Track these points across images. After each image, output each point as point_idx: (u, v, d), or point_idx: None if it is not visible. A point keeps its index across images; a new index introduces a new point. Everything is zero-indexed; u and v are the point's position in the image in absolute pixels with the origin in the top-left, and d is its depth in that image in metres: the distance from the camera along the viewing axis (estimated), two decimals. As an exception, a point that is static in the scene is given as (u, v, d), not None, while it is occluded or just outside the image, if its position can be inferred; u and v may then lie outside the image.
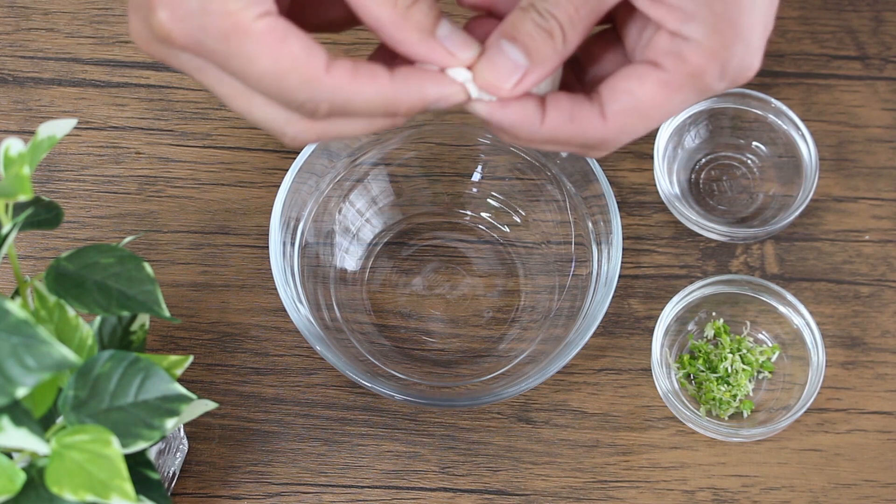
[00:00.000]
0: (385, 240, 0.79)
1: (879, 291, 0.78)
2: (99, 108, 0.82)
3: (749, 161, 0.81)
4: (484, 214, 0.79)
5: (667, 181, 0.79)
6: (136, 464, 0.58)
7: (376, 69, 0.52)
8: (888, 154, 0.81)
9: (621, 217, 0.76)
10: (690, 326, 0.77)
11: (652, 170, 0.79)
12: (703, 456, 0.74)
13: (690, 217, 0.78)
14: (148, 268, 0.59)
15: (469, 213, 0.79)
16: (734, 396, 0.74)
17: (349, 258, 0.78)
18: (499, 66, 0.53)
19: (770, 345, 0.76)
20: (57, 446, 0.55)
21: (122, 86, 0.83)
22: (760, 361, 0.75)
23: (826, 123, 0.82)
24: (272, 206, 0.73)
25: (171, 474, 0.72)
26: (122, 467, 0.54)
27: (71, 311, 0.59)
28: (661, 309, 0.76)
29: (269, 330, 0.77)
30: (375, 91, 0.52)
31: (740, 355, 0.75)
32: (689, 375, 0.76)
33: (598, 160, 0.74)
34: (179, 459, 0.72)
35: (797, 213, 0.77)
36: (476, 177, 0.79)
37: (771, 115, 0.80)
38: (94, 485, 0.54)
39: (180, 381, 0.59)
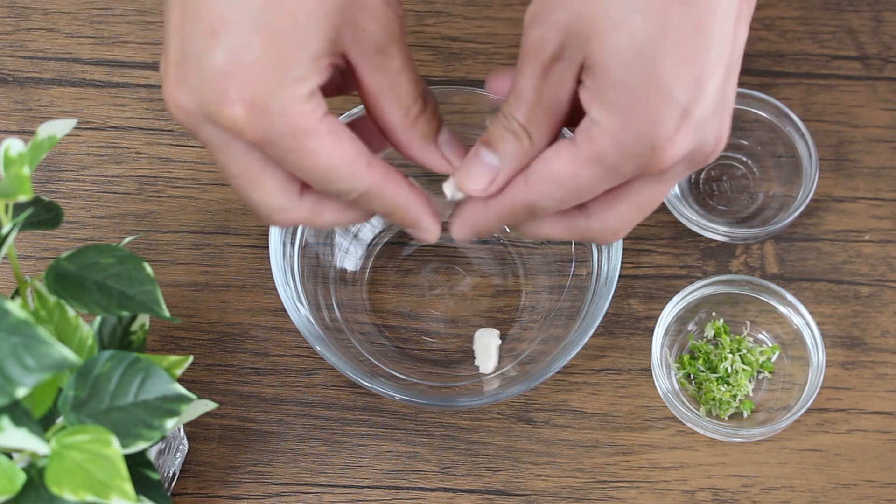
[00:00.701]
0: (385, 240, 0.79)
1: (879, 291, 0.78)
2: (99, 108, 0.82)
3: (749, 161, 0.81)
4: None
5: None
6: (136, 464, 0.58)
7: (399, 178, 0.61)
8: (888, 154, 0.81)
9: (621, 217, 0.76)
10: (690, 326, 0.77)
11: (652, 170, 0.79)
12: (703, 456, 0.74)
13: (690, 217, 0.78)
14: (148, 268, 0.59)
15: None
16: (734, 396, 0.74)
17: (349, 258, 0.78)
18: (474, 172, 0.60)
19: (770, 345, 0.76)
20: (57, 446, 0.55)
21: (122, 86, 0.83)
22: (760, 361, 0.75)
23: (826, 123, 0.82)
24: (272, 206, 0.73)
25: (171, 474, 0.72)
26: (122, 467, 0.54)
27: (71, 311, 0.59)
28: (661, 309, 0.76)
29: (269, 330, 0.77)
30: (397, 195, 0.61)
31: (740, 355, 0.75)
32: (689, 375, 0.75)
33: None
34: (179, 459, 0.72)
35: (797, 213, 0.77)
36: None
37: (771, 116, 0.80)
38: (94, 485, 0.54)
39: (180, 381, 0.59)
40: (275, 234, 0.72)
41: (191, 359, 0.60)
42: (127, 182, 0.80)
